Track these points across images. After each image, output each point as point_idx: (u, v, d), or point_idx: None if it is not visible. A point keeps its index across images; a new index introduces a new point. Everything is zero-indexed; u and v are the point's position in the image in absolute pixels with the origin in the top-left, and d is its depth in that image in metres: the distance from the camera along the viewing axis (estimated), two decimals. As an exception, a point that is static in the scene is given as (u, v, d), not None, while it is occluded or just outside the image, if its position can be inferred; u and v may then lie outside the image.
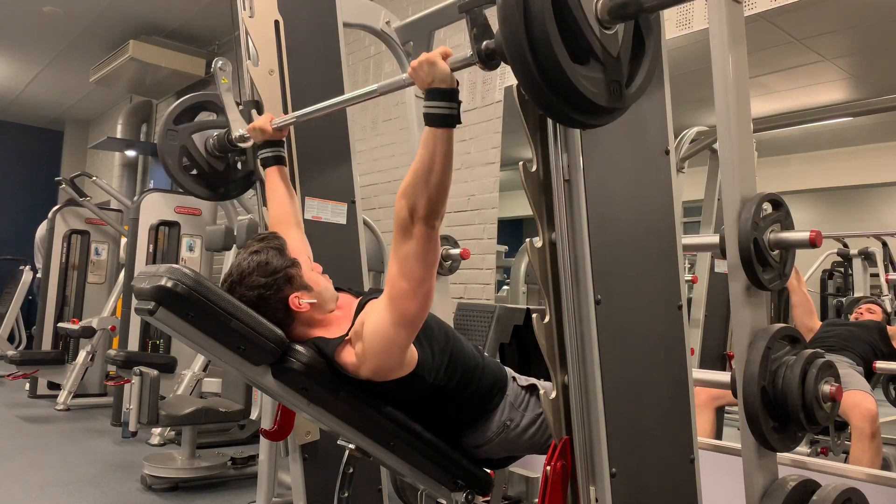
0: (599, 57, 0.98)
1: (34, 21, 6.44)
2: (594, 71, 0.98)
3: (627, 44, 1.04)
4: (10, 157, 10.07)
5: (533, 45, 0.93)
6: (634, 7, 0.97)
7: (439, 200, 1.33)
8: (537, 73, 0.94)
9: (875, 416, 2.32)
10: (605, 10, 0.98)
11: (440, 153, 1.30)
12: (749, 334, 1.44)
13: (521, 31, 0.92)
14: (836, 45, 2.85)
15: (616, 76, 1.01)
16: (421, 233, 1.33)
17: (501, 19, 0.94)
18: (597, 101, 0.97)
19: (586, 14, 0.97)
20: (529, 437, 1.62)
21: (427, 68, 1.29)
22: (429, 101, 1.30)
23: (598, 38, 0.98)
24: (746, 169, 1.51)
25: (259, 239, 1.59)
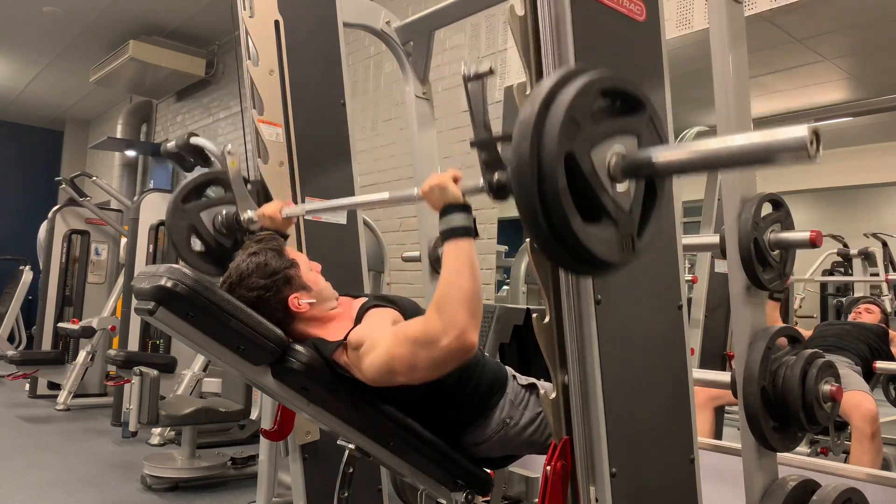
0: (612, 215, 0.95)
1: (34, 21, 6.44)
2: (606, 229, 0.96)
3: (639, 197, 1.01)
4: (10, 157, 10.08)
5: (546, 209, 0.90)
6: (647, 171, 0.95)
7: (477, 310, 1.30)
8: (549, 234, 0.92)
9: (875, 416, 2.32)
10: (617, 169, 0.95)
11: (465, 261, 1.30)
12: (749, 334, 1.44)
13: (535, 196, 0.90)
14: (836, 45, 2.85)
15: (628, 231, 0.98)
16: (453, 347, 1.29)
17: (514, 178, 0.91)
18: (609, 260, 0.95)
19: (599, 174, 0.94)
20: (529, 435, 1.62)
21: (438, 193, 1.32)
22: (444, 216, 1.33)
23: (610, 197, 0.95)
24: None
25: (257, 240, 1.59)
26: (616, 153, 0.95)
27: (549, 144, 0.89)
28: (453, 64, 4.31)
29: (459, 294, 1.28)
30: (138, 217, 4.90)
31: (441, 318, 1.28)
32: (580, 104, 0.91)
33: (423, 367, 1.33)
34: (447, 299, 1.28)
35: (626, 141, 0.97)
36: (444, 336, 1.27)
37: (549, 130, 0.90)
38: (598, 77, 0.94)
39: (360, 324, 1.51)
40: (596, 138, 0.94)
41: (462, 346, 1.28)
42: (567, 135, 0.90)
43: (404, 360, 1.34)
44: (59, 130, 10.29)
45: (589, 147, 0.93)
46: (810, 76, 2.95)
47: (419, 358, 1.32)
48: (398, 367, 1.36)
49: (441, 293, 1.30)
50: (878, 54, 2.85)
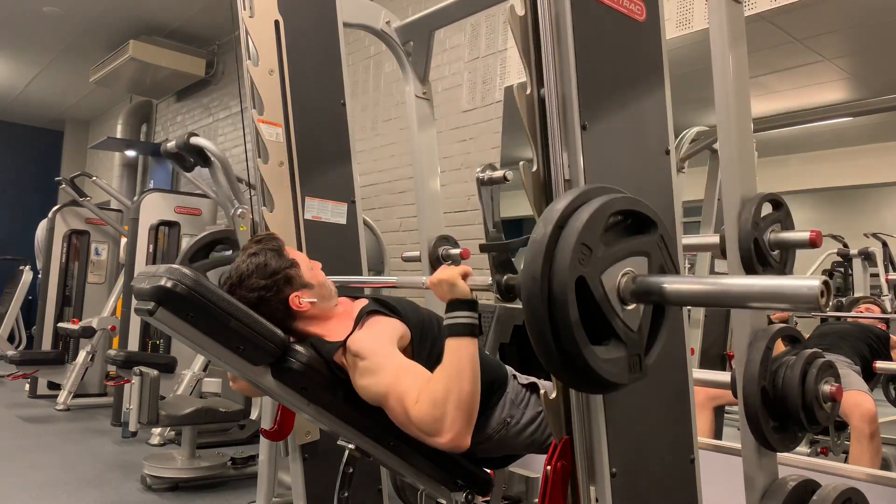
0: (621, 336, 0.96)
1: (34, 21, 6.44)
2: (615, 350, 0.96)
3: (647, 317, 1.01)
4: (10, 157, 10.08)
5: (556, 333, 0.91)
6: (657, 298, 0.95)
7: (473, 412, 1.33)
8: (558, 356, 0.93)
9: (874, 416, 2.32)
10: (627, 291, 0.96)
11: (467, 361, 1.32)
12: (749, 334, 1.44)
13: (545, 319, 0.91)
14: (836, 45, 2.85)
15: (636, 350, 0.99)
16: (443, 446, 1.32)
17: (525, 302, 0.92)
18: (617, 381, 0.96)
19: (609, 297, 0.95)
20: (529, 434, 1.62)
21: (447, 287, 1.36)
22: (451, 311, 1.36)
23: (619, 318, 0.96)
24: (746, 169, 1.50)
25: (256, 241, 1.59)
26: (627, 275, 0.96)
27: (560, 269, 0.90)
28: (453, 64, 4.31)
29: (458, 397, 1.30)
30: (138, 217, 4.90)
31: (438, 418, 1.30)
32: (592, 228, 0.92)
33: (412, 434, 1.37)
34: (446, 401, 1.31)
35: (636, 262, 0.98)
36: (439, 436, 1.31)
37: (560, 255, 0.91)
38: (611, 200, 0.95)
39: (360, 329, 1.51)
40: (607, 261, 0.95)
41: (454, 448, 1.32)
42: (579, 259, 0.90)
43: (396, 417, 1.39)
44: (59, 130, 10.28)
45: (600, 271, 0.94)
46: (810, 76, 2.95)
47: (408, 430, 1.37)
48: (389, 413, 1.40)
49: (441, 391, 1.32)
50: (878, 54, 2.85)
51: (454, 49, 4.31)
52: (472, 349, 1.34)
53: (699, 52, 1.68)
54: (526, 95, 1.19)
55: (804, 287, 0.78)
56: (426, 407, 1.31)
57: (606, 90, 1.23)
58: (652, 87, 1.34)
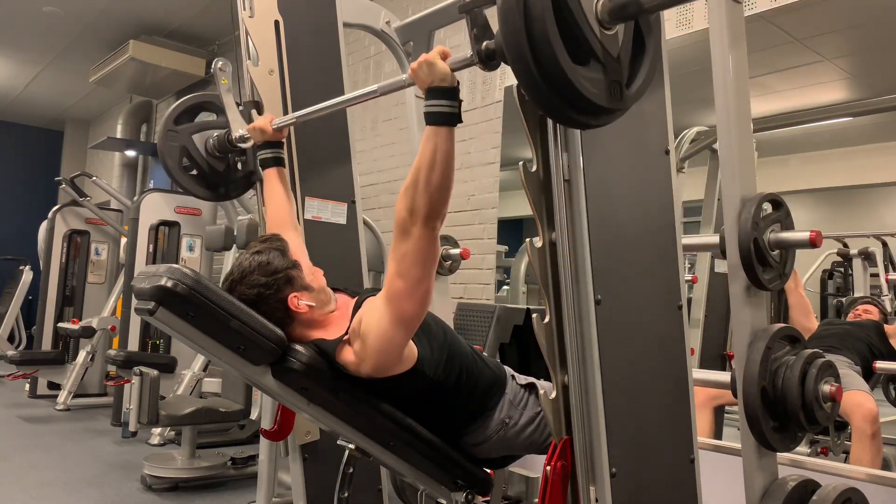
0: (600, 58, 0.98)
1: (34, 21, 6.44)
2: (594, 72, 0.98)
3: (627, 44, 1.03)
4: (10, 157, 10.07)
5: (533, 45, 0.92)
6: (634, 8, 0.97)
7: (440, 201, 1.32)
8: (538, 74, 0.93)
9: (876, 416, 2.32)
10: (605, 10, 0.97)
11: (441, 151, 1.29)
12: (749, 334, 1.44)
13: (522, 32, 0.92)
14: (836, 45, 2.85)
15: (616, 77, 1.01)
16: (420, 233, 1.32)
17: (502, 20, 0.94)
18: (597, 102, 0.97)
19: (587, 15, 0.96)
20: (528, 435, 1.62)
21: (426, 69, 1.29)
22: (429, 100, 1.30)
23: (598, 39, 0.98)
24: (746, 169, 1.51)
25: (262, 240, 1.60)
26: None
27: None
28: (453, 64, 4.31)
29: (426, 185, 1.30)
30: (138, 217, 4.90)
31: (406, 206, 1.31)
32: None
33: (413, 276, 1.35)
34: (414, 188, 1.31)
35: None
36: (411, 224, 1.31)
37: None
38: None
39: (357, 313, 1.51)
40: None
41: (428, 231, 1.31)
42: None
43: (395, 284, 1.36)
44: (59, 130, 10.28)
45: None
46: (810, 76, 2.95)
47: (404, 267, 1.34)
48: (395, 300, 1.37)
49: (410, 180, 1.32)
50: (878, 54, 2.85)
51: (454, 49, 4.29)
52: (447, 139, 1.30)
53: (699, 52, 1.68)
54: (526, 95, 1.19)
55: None
56: (399, 200, 1.32)
57: (606, 90, 1.23)
58: (652, 87, 1.33)
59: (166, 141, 2.17)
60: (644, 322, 1.33)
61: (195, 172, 2.22)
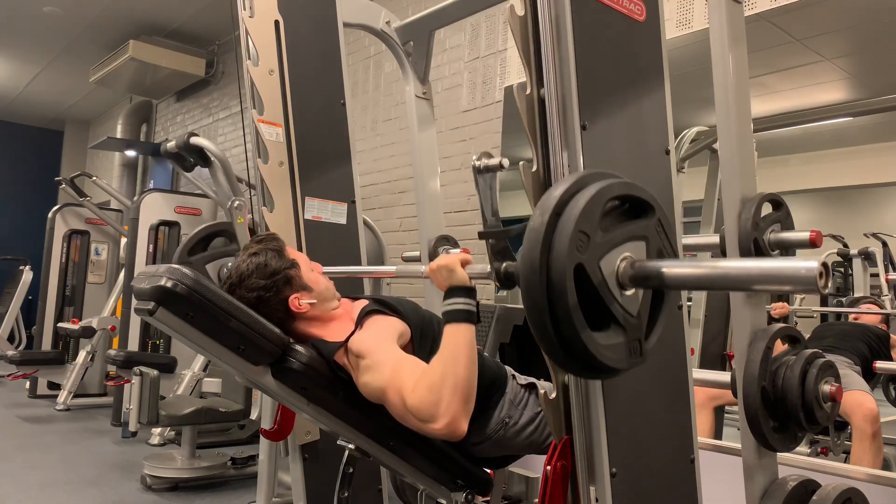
0: (620, 322, 0.96)
1: (34, 21, 6.44)
2: (615, 336, 0.96)
3: (647, 302, 1.01)
4: (10, 157, 10.07)
5: (555, 320, 0.90)
6: (656, 282, 0.95)
7: (469, 398, 1.33)
8: (558, 344, 0.92)
9: (876, 416, 2.32)
10: (626, 276, 0.96)
11: (464, 346, 1.33)
12: (749, 334, 1.44)
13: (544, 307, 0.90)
14: (836, 45, 2.85)
15: (636, 335, 0.98)
16: (439, 432, 1.31)
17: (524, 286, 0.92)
18: (617, 367, 0.96)
19: (608, 282, 0.94)
20: (528, 435, 1.62)
21: (445, 274, 1.36)
22: (448, 298, 1.35)
23: (619, 304, 0.96)
24: (746, 169, 1.50)
25: (257, 241, 1.59)
26: (625, 260, 0.96)
27: (559, 257, 0.89)
28: (453, 64, 4.31)
29: (455, 381, 1.30)
30: (138, 217, 4.90)
31: (434, 402, 1.30)
32: (590, 215, 0.91)
33: (411, 426, 1.37)
34: (442, 385, 1.30)
35: (635, 247, 0.98)
36: (435, 422, 1.30)
37: (559, 242, 0.90)
38: (608, 185, 0.95)
39: (361, 329, 1.51)
40: (605, 247, 0.94)
41: (451, 433, 1.31)
42: (577, 247, 0.90)
43: (395, 410, 1.38)
44: (59, 130, 10.28)
45: (598, 257, 0.93)
46: (810, 76, 2.95)
47: (407, 421, 1.36)
48: (389, 408, 1.40)
49: (438, 376, 1.32)
50: (878, 54, 2.85)
51: (454, 49, 4.31)
52: (469, 335, 1.34)
53: (699, 52, 1.68)
54: (526, 95, 1.19)
55: (802, 269, 0.78)
56: (422, 392, 1.32)
57: (606, 90, 1.23)
58: (652, 87, 1.33)
59: None
60: (644, 322, 1.33)
61: None
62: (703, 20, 2.90)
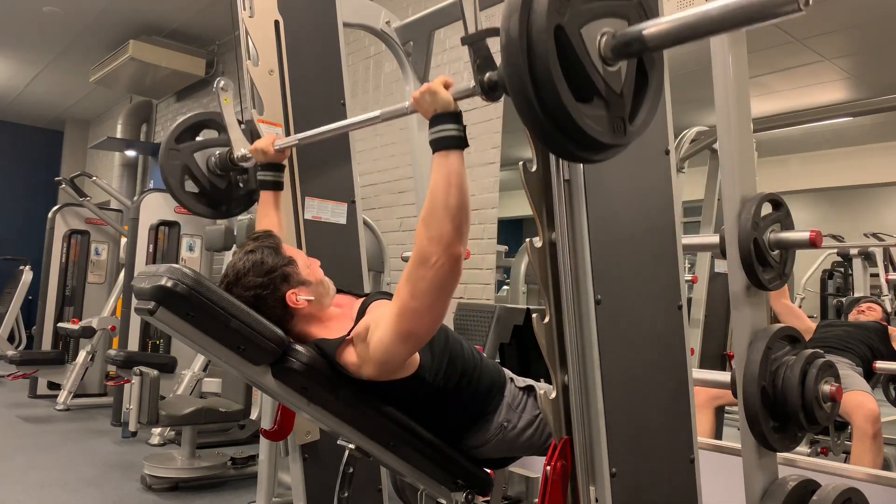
0: (602, 94, 0.96)
1: (34, 21, 6.44)
2: (597, 109, 0.96)
3: (630, 80, 1.01)
4: (10, 157, 10.07)
5: (536, 84, 0.90)
6: (638, 46, 0.95)
7: (463, 222, 1.31)
8: (540, 112, 0.92)
9: (877, 416, 2.32)
10: (608, 48, 0.96)
11: (454, 174, 1.30)
12: (749, 334, 1.44)
13: (525, 70, 0.90)
14: (836, 45, 2.85)
15: (619, 113, 0.99)
16: (443, 261, 1.30)
17: (504, 57, 0.92)
18: (600, 139, 0.95)
19: (590, 52, 0.94)
20: (527, 438, 1.62)
21: (429, 98, 1.31)
22: (434, 126, 1.31)
23: (601, 76, 0.96)
24: (746, 169, 1.51)
25: (253, 238, 1.59)
26: (606, 32, 0.96)
27: (538, 17, 0.89)
28: (453, 64, 4.31)
29: (445, 210, 1.29)
30: (138, 217, 4.90)
31: (428, 234, 1.29)
32: None
33: (427, 301, 1.32)
34: (433, 215, 1.29)
35: (616, 23, 0.98)
36: (433, 253, 1.29)
37: (538, 3, 0.90)
38: None
39: (363, 317, 1.51)
40: (586, 15, 0.94)
41: (451, 259, 1.29)
42: (557, 8, 0.90)
43: (407, 303, 1.34)
44: (59, 130, 10.28)
45: (579, 23, 0.93)
46: (810, 76, 2.95)
47: (419, 290, 1.32)
48: (405, 319, 1.35)
49: (427, 209, 1.31)
50: (878, 54, 2.85)
51: (454, 49, 4.31)
52: (458, 162, 1.31)
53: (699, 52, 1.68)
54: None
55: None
56: (418, 231, 1.31)
57: (606, 90, 1.23)
58: (652, 87, 1.33)
59: (168, 158, 2.18)
60: (644, 322, 1.33)
61: (197, 190, 2.22)
62: (703, 20, 2.90)
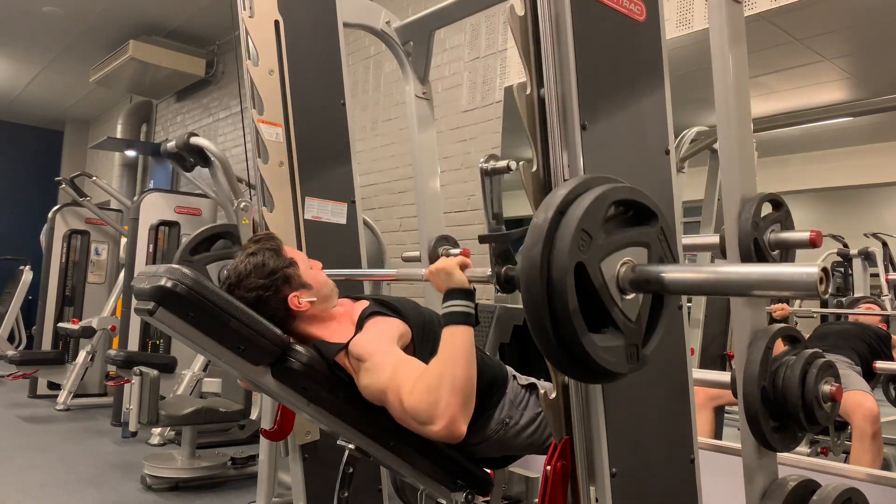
0: (618, 325, 0.96)
1: (34, 21, 6.44)
2: (613, 339, 0.96)
3: (646, 307, 1.01)
4: (10, 157, 10.07)
5: (553, 317, 0.91)
6: (657, 287, 0.95)
7: (468, 399, 1.33)
8: (556, 344, 0.92)
9: (877, 416, 2.32)
10: (626, 280, 0.96)
11: (462, 347, 1.33)
12: (749, 334, 1.44)
13: (544, 303, 0.90)
14: (836, 45, 2.85)
15: (634, 340, 0.99)
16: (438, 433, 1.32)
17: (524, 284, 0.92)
18: (615, 370, 0.96)
19: (608, 284, 0.95)
20: (528, 436, 1.62)
21: (444, 277, 1.36)
22: (447, 300, 1.36)
23: (619, 308, 0.96)
24: (746, 169, 1.50)
25: (255, 240, 1.59)
26: (626, 264, 0.96)
27: (560, 255, 0.90)
28: (453, 64, 4.31)
29: (453, 382, 1.30)
30: (138, 217, 4.90)
31: (432, 403, 1.30)
32: (593, 215, 0.92)
33: (411, 429, 1.38)
34: (440, 386, 1.31)
35: (636, 252, 0.98)
36: (433, 423, 1.31)
37: (560, 240, 0.90)
38: (613, 189, 0.95)
39: (362, 331, 1.51)
40: (607, 249, 0.95)
41: (450, 435, 1.32)
42: (579, 246, 0.90)
43: (394, 412, 1.39)
44: (59, 130, 10.28)
45: (599, 258, 0.94)
46: (810, 76, 2.95)
47: (406, 423, 1.37)
48: (389, 410, 1.40)
49: (435, 377, 1.32)
50: (878, 54, 2.85)
51: (454, 49, 4.31)
52: (467, 337, 1.34)
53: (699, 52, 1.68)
54: (526, 95, 1.19)
55: (803, 274, 0.79)
56: (420, 394, 1.32)
57: (606, 90, 1.23)
58: (652, 87, 1.33)
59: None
60: (644, 322, 1.33)
61: None
62: (703, 20, 2.90)
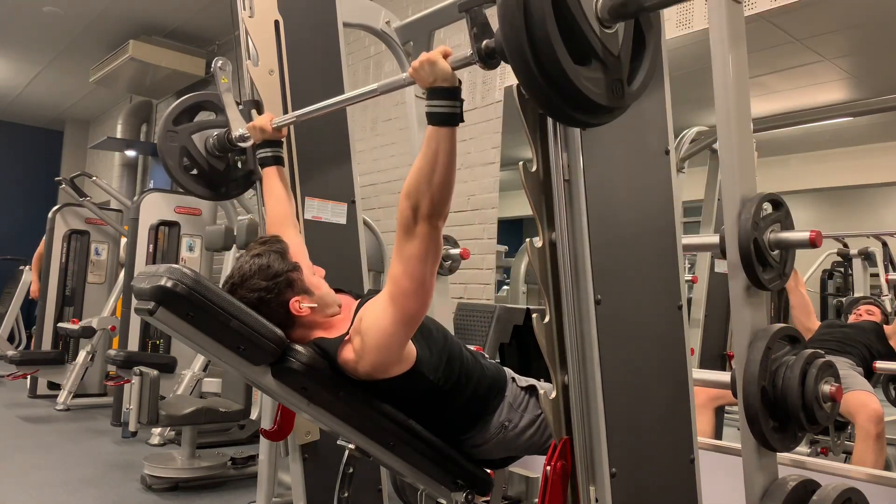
0: (600, 56, 0.98)
1: (34, 21, 6.44)
2: (595, 71, 0.98)
3: (628, 42, 1.03)
4: (10, 157, 10.07)
5: (534, 45, 0.92)
6: (634, 6, 0.97)
7: (443, 199, 1.32)
8: (538, 74, 0.93)
9: (881, 416, 2.32)
10: (605, 9, 0.97)
11: (443, 152, 1.29)
12: (749, 334, 1.44)
13: (522, 32, 0.92)
14: (836, 45, 2.85)
15: (617, 75, 1.01)
16: (424, 232, 1.32)
17: (501, 19, 0.94)
18: (598, 101, 0.97)
19: (587, 14, 0.96)
20: (528, 437, 1.62)
21: (428, 68, 1.29)
22: (431, 100, 1.30)
23: (598, 38, 0.98)
24: (746, 169, 1.51)
25: (261, 242, 1.59)
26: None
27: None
28: (453, 64, 4.31)
29: (427, 185, 1.30)
30: (138, 217, 4.90)
31: (408, 203, 1.32)
32: None
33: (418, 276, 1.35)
34: (415, 188, 1.31)
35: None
36: (416, 223, 1.32)
37: None
38: None
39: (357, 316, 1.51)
40: None
41: (431, 227, 1.32)
42: None
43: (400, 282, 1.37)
44: (59, 130, 10.28)
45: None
46: (810, 76, 2.95)
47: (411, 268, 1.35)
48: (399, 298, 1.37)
49: (412, 180, 1.32)
50: (878, 54, 2.85)
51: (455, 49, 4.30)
52: (449, 139, 1.30)
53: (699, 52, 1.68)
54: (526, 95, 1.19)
55: None
56: (400, 200, 1.33)
57: (606, 90, 1.23)
58: (652, 87, 1.33)
59: (166, 141, 2.18)
60: (644, 322, 1.33)
61: (195, 172, 2.22)
62: (703, 20, 2.90)
